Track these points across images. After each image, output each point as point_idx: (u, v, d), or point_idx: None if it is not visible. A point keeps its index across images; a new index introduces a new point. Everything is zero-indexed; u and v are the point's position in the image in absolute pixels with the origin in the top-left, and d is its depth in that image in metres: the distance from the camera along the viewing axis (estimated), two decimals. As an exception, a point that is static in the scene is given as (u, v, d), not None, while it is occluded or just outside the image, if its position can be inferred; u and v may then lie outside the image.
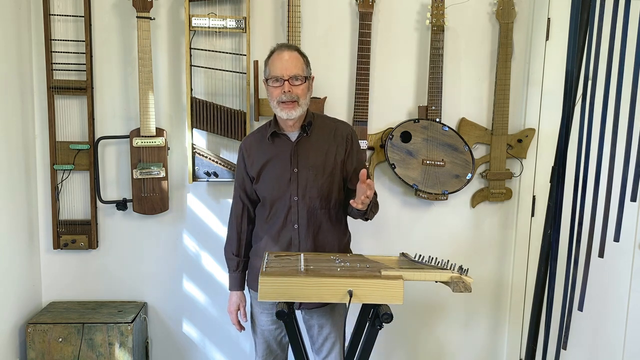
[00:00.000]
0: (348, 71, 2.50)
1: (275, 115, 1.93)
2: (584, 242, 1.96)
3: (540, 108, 2.55)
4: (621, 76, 1.78)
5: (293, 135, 1.92)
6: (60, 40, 2.37)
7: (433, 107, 2.47)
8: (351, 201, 1.76)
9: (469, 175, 2.49)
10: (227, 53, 2.42)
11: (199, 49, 2.38)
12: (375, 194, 1.90)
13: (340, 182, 1.95)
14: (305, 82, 1.84)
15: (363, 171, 1.71)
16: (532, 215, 2.63)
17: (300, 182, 1.89)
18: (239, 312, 2.08)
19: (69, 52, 2.37)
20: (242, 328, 2.10)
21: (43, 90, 2.39)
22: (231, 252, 2.05)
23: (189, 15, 2.30)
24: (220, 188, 2.53)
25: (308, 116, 1.91)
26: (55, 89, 2.36)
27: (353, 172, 1.95)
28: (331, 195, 1.93)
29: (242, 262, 2.05)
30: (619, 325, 2.69)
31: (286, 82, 1.80)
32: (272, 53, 1.88)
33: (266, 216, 1.97)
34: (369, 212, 1.88)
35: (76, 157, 2.42)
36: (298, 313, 2.06)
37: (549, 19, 2.50)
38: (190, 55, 2.33)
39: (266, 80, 1.87)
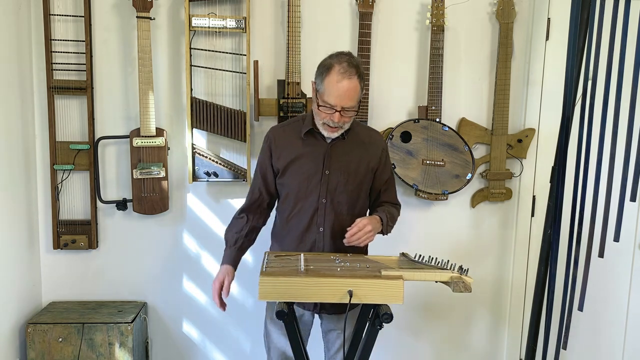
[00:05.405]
0: (348, 71, 2.50)
1: (312, 111, 1.84)
2: (584, 242, 1.95)
3: (540, 108, 2.55)
4: (621, 76, 1.78)
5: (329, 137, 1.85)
6: (60, 40, 2.36)
7: (433, 107, 2.47)
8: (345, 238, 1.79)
9: (469, 175, 2.49)
10: (227, 53, 2.42)
11: (199, 49, 2.38)
12: (395, 208, 1.99)
13: (368, 190, 1.94)
14: (356, 110, 1.77)
15: (352, 230, 1.75)
16: (532, 215, 2.63)
17: (331, 184, 1.84)
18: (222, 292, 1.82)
19: (69, 52, 2.37)
20: (222, 305, 1.82)
21: (43, 90, 2.39)
22: (234, 232, 1.91)
23: (189, 15, 2.30)
24: (220, 188, 2.53)
25: None
26: (55, 89, 2.36)
27: (384, 183, 1.96)
28: (358, 201, 1.91)
29: (243, 240, 1.90)
30: (619, 325, 2.69)
31: (337, 113, 1.72)
32: (331, 67, 1.71)
33: (288, 214, 1.89)
34: (386, 231, 1.92)
35: (76, 157, 2.41)
36: (313, 318, 2.01)
37: (549, 19, 2.50)
38: (190, 55, 2.33)
39: (317, 91, 1.76)
